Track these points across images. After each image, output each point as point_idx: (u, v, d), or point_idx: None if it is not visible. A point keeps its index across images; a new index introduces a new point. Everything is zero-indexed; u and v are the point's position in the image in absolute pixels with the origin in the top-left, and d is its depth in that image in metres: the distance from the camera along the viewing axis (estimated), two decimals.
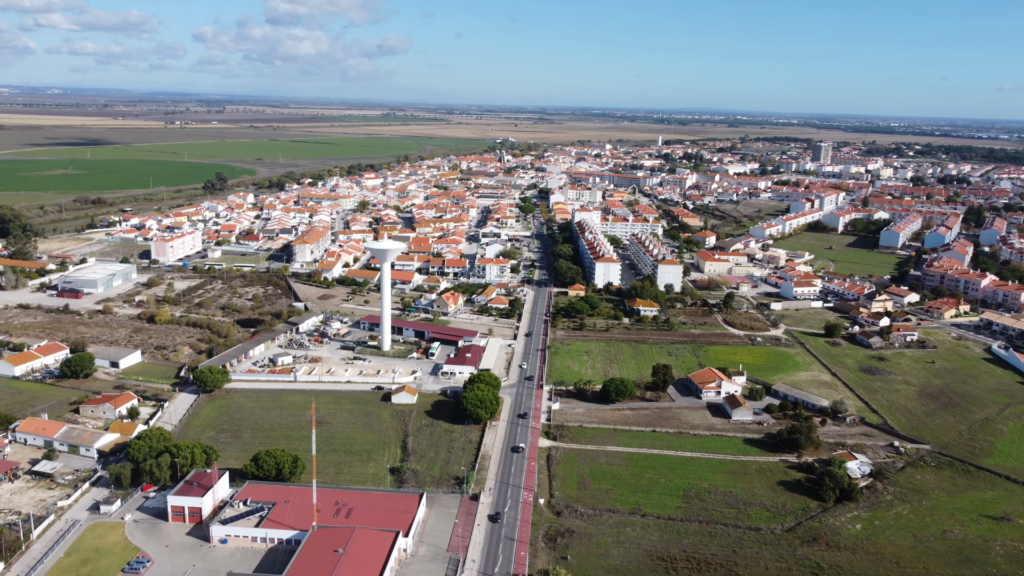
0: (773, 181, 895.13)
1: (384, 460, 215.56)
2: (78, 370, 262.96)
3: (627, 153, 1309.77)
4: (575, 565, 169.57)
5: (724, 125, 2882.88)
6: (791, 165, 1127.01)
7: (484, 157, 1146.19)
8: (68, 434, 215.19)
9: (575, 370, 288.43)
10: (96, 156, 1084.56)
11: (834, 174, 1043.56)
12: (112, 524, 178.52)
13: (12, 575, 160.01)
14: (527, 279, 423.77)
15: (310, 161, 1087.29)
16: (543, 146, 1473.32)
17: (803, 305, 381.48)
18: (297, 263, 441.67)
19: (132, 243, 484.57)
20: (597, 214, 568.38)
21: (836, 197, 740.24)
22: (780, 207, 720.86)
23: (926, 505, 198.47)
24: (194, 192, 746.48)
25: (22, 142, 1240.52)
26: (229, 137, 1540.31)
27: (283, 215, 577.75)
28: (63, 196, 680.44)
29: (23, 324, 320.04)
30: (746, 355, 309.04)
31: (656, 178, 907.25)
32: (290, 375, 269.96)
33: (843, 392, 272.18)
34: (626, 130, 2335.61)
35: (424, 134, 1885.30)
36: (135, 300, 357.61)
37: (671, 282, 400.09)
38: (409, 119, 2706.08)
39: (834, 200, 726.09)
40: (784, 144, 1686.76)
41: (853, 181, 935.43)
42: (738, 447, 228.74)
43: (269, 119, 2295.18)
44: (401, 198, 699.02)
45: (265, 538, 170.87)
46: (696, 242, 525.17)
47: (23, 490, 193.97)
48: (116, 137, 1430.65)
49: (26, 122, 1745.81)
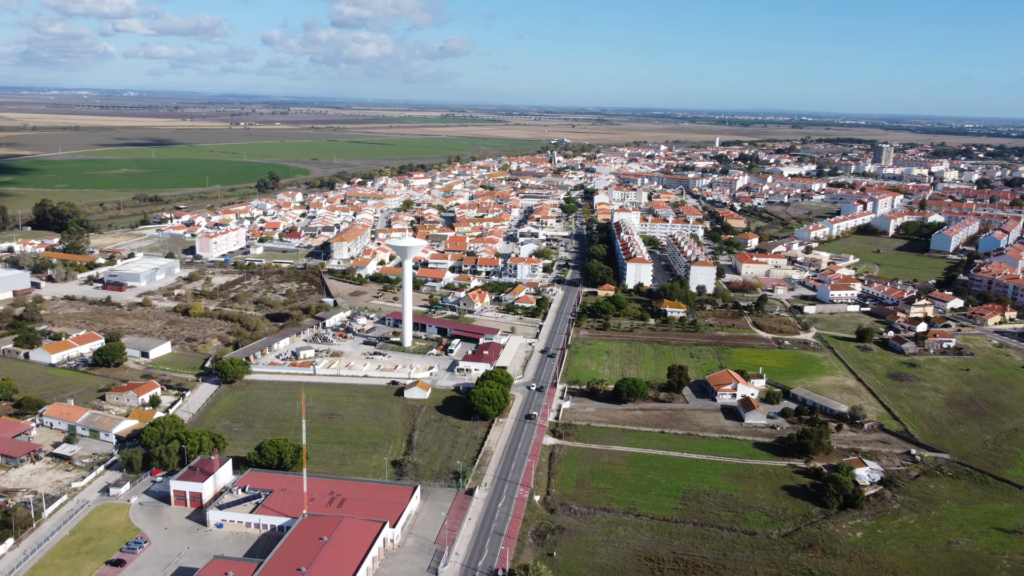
0: (828, 183, 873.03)
1: (388, 453, 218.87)
2: (109, 359, 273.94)
3: (681, 154, 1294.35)
4: (560, 562, 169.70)
5: (787, 126, 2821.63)
6: (850, 167, 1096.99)
7: (535, 158, 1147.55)
8: (90, 419, 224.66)
9: (592, 370, 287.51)
10: (160, 156, 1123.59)
11: (894, 176, 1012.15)
12: (118, 506, 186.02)
13: (20, 550, 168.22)
14: (559, 279, 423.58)
15: (364, 161, 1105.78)
16: (597, 147, 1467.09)
17: (838, 309, 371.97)
18: (334, 260, 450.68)
19: (180, 239, 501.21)
20: (636, 215, 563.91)
21: (891, 200, 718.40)
22: (832, 209, 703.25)
23: (935, 515, 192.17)
24: (247, 191, 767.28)
25: (93, 142, 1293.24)
26: (289, 138, 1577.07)
27: (328, 213, 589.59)
28: (123, 194, 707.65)
29: (67, 314, 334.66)
30: (770, 358, 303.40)
31: (706, 179, 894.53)
32: (310, 368, 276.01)
33: (866, 398, 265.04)
34: (685, 131, 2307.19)
35: (480, 135, 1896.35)
36: (174, 294, 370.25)
37: (703, 283, 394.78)
38: (467, 120, 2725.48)
39: (889, 203, 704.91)
40: (846, 145, 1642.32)
41: (913, 184, 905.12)
42: (746, 450, 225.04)
43: (330, 120, 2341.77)
44: (446, 198, 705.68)
45: (259, 524, 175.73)
46: (737, 244, 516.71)
47: (42, 471, 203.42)
48: (182, 138, 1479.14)
49: (101, 123, 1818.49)
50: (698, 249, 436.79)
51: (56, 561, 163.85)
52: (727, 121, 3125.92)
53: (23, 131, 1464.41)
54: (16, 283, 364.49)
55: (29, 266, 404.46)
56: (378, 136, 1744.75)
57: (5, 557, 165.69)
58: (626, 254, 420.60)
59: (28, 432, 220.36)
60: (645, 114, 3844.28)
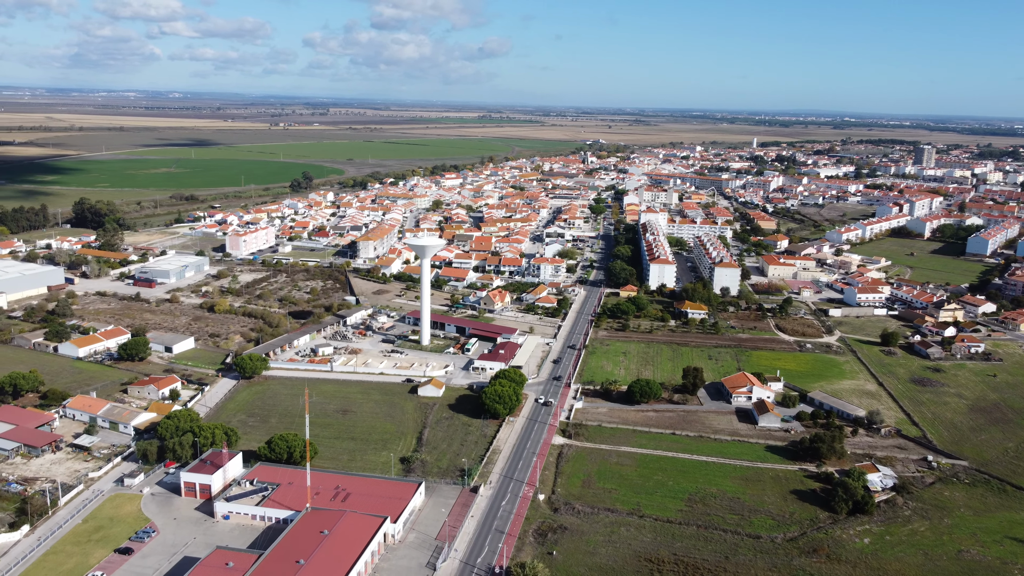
0: (865, 184, 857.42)
1: (398, 449, 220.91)
2: (134, 353, 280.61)
3: (717, 155, 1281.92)
4: (559, 561, 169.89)
5: (829, 127, 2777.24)
6: (889, 169, 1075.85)
7: (568, 159, 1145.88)
8: (110, 412, 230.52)
9: (608, 370, 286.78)
10: (200, 156, 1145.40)
11: (935, 178, 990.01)
12: (131, 496, 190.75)
13: (35, 536, 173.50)
14: (582, 279, 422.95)
15: (398, 162, 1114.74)
16: (632, 148, 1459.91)
17: (865, 312, 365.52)
18: (360, 259, 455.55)
19: (212, 237, 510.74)
20: (663, 215, 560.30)
21: (929, 201, 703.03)
22: (868, 211, 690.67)
23: (947, 523, 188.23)
24: (281, 190, 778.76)
25: (136, 143, 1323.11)
26: (326, 138, 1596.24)
27: (357, 213, 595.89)
28: (161, 193, 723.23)
29: (97, 310, 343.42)
30: (791, 361, 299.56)
31: (740, 181, 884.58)
32: (327, 365, 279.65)
33: (886, 403, 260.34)
34: (724, 132, 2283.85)
35: (516, 136, 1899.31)
36: (201, 291, 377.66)
37: (727, 285, 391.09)
38: (504, 121, 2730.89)
39: (926, 205, 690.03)
40: (888, 147, 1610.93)
41: (955, 185, 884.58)
42: (758, 454, 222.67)
43: (368, 121, 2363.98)
44: (475, 198, 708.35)
45: (264, 516, 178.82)
46: (766, 245, 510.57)
47: (62, 461, 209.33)
48: (222, 138, 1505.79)
49: (145, 124, 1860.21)
50: (723, 250, 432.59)
51: (67, 548, 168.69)
52: (767, 122, 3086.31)
53: (70, 131, 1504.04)
54: (50, 279, 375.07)
55: (65, 262, 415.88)
56: (414, 137, 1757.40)
57: (20, 543, 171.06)
58: (650, 255, 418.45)
59: (51, 423, 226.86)
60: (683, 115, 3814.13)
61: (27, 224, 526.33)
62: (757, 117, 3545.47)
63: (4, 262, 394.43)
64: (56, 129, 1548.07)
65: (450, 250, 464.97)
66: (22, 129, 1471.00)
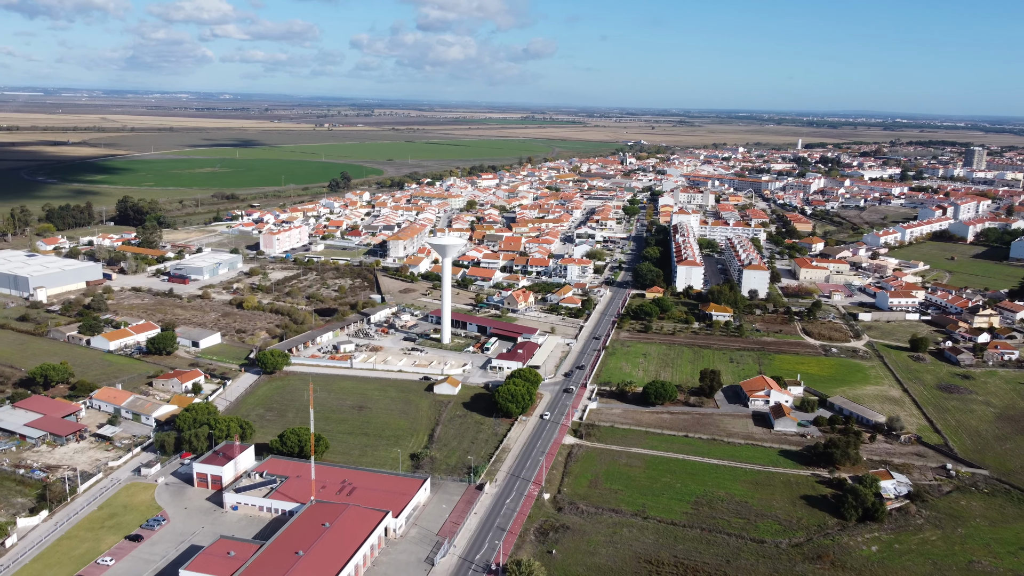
0: (910, 187, 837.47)
1: (409, 446, 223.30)
2: (161, 347, 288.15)
3: (759, 156, 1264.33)
4: (559, 560, 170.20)
5: (879, 128, 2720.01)
6: (937, 171, 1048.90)
7: (607, 160, 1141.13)
8: (133, 403, 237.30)
9: (626, 371, 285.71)
10: (244, 156, 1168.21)
11: (985, 180, 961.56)
12: (146, 485, 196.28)
13: (52, 522, 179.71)
14: (609, 280, 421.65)
15: (437, 162, 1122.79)
16: (672, 149, 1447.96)
17: (896, 317, 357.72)
18: (390, 258, 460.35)
19: (248, 235, 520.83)
20: (696, 217, 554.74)
21: (976, 205, 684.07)
22: (910, 214, 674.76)
23: (960, 533, 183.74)
24: (319, 190, 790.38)
25: (184, 143, 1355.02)
26: (369, 139, 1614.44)
27: (391, 213, 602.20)
28: (203, 192, 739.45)
29: (131, 305, 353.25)
30: (814, 365, 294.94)
31: (780, 182, 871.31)
32: (347, 362, 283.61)
33: (909, 409, 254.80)
34: (769, 133, 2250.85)
35: (557, 136, 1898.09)
36: (232, 287, 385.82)
37: (755, 288, 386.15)
38: (546, 122, 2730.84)
39: (972, 208, 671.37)
40: (938, 148, 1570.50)
41: (1005, 188, 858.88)
42: (771, 458, 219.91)
43: (411, 122, 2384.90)
44: (510, 198, 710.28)
45: (271, 508, 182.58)
46: (800, 248, 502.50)
47: (84, 450, 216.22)
48: (268, 139, 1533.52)
49: (194, 124, 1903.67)
50: (753, 253, 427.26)
51: (81, 533, 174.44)
52: (814, 123, 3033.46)
53: (122, 132, 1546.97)
54: (89, 274, 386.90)
55: (105, 259, 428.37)
56: (455, 138, 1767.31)
57: (38, 527, 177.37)
58: (678, 257, 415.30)
59: (77, 413, 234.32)
60: (729, 116, 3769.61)
61: (72, 221, 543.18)
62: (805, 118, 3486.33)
63: (46, 258, 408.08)
64: (109, 129, 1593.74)
65: (479, 250, 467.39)
66: (77, 130, 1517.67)
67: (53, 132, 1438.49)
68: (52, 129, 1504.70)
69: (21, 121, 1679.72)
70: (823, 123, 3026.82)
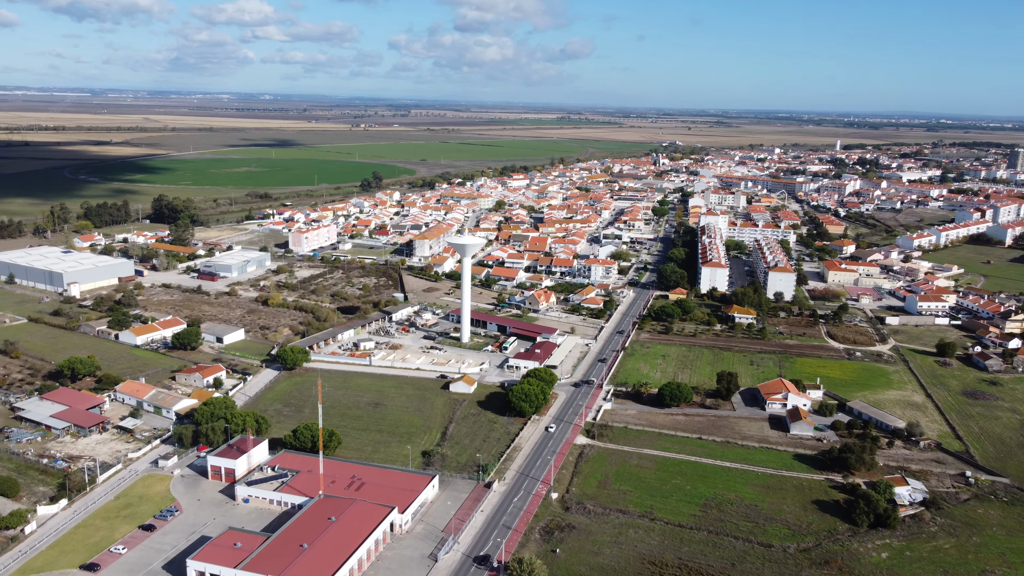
0: (949, 189, 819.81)
1: (421, 443, 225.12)
2: (186, 343, 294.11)
3: (796, 158, 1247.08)
4: (562, 559, 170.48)
5: (922, 129, 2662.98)
6: (980, 173, 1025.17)
7: (639, 160, 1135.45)
8: (155, 397, 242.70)
9: (644, 372, 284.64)
10: (280, 156, 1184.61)
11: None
12: (162, 476, 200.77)
13: (71, 510, 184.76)
14: (633, 281, 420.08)
15: (470, 162, 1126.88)
16: (707, 150, 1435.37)
17: (925, 321, 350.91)
18: (416, 257, 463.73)
19: (278, 234, 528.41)
20: (724, 218, 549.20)
21: (1017, 207, 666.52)
22: (947, 217, 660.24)
23: (975, 541, 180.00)
24: (351, 189, 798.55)
25: (222, 143, 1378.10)
26: (403, 139, 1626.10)
27: (419, 212, 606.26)
28: (238, 191, 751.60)
29: (160, 301, 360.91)
30: (836, 369, 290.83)
31: (815, 184, 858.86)
32: (366, 359, 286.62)
33: (931, 415, 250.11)
34: (808, 134, 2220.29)
35: (592, 137, 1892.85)
36: (259, 285, 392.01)
37: (781, 290, 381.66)
38: (582, 122, 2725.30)
39: (1013, 211, 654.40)
40: (982, 150, 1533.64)
41: None
42: (784, 462, 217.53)
43: (447, 122, 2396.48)
44: (539, 198, 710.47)
45: (280, 501, 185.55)
46: (830, 251, 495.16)
47: (106, 441, 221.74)
48: (304, 139, 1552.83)
49: (233, 125, 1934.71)
50: (780, 255, 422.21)
51: (97, 522, 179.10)
52: (855, 124, 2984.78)
53: (163, 132, 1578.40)
54: (121, 271, 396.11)
55: (138, 255, 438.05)
56: (489, 138, 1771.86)
57: (57, 515, 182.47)
58: (702, 258, 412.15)
59: (101, 405, 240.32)
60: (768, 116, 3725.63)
61: (109, 219, 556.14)
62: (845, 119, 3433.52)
63: (80, 255, 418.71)
64: (151, 130, 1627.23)
65: (504, 250, 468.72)
66: (120, 130, 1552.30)
67: (97, 132, 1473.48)
68: (96, 129, 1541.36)
69: (67, 121, 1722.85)
70: (864, 124, 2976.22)
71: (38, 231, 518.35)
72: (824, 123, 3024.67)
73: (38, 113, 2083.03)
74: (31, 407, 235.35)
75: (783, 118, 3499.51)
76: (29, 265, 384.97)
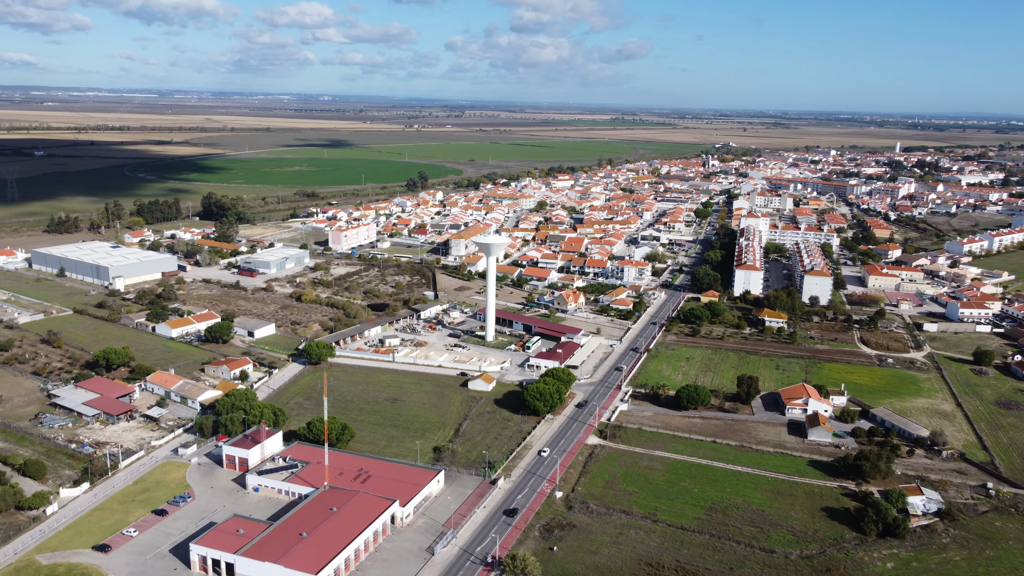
0: (1010, 193, 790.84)
1: (434, 439, 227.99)
2: (218, 336, 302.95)
3: (852, 160, 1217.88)
4: (559, 557, 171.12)
5: (990, 131, 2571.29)
6: None
7: (689, 162, 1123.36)
8: (182, 387, 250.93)
9: (666, 374, 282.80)
10: (332, 155, 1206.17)
11: None
12: (180, 464, 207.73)
13: (92, 494, 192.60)
14: (667, 283, 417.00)
15: (518, 163, 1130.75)
16: (761, 151, 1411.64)
17: (966, 328, 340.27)
18: (451, 256, 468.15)
19: (321, 232, 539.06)
20: (765, 221, 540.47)
21: None
22: (1005, 222, 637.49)
23: (988, 554, 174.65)
24: (397, 189, 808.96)
25: (278, 143, 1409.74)
26: (455, 140, 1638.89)
27: (460, 212, 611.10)
28: (287, 190, 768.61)
29: (199, 295, 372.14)
30: (864, 375, 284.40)
31: (867, 187, 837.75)
32: (390, 356, 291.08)
33: (959, 424, 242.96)
34: (869, 136, 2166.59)
35: (644, 138, 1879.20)
36: (296, 281, 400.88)
37: (817, 294, 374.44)
38: (635, 123, 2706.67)
39: None
40: None
41: None
42: (798, 468, 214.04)
43: (500, 123, 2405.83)
44: (581, 199, 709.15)
45: (288, 491, 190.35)
46: (874, 255, 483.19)
47: (132, 429, 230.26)
48: (358, 139, 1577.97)
49: (290, 125, 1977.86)
50: (818, 258, 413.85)
51: (113, 505, 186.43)
52: (920, 125, 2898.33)
53: (222, 132, 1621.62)
54: (165, 265, 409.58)
55: (182, 251, 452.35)
56: (540, 139, 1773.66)
57: (79, 498, 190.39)
58: (737, 260, 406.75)
59: (131, 395, 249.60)
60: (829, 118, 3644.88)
61: (161, 216, 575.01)
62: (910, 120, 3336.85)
63: (127, 250, 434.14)
64: (211, 130, 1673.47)
65: (539, 250, 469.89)
66: (181, 130, 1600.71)
67: (160, 132, 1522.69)
68: (159, 129, 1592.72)
69: (132, 121, 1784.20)
70: (929, 125, 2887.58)
71: (93, 227, 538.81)
72: (887, 125, 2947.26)
73: (106, 113, 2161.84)
74: (65, 394, 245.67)
75: (845, 120, 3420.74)
76: (79, 259, 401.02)
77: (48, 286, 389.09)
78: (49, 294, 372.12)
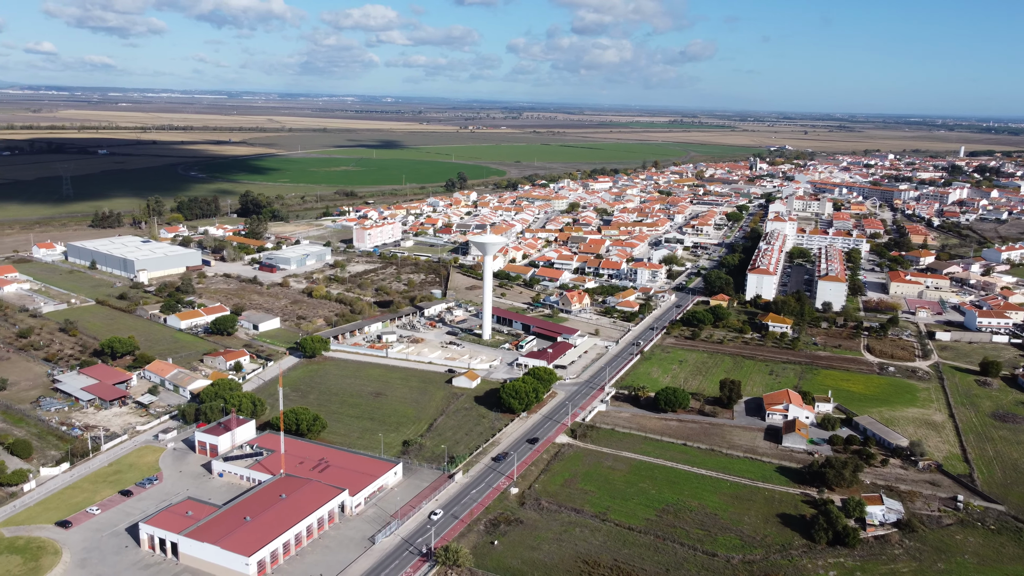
0: None
1: (407, 433, 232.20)
2: (223, 328, 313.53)
3: (909, 164, 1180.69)
4: (498, 551, 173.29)
5: None
6: None
7: (737, 164, 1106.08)
8: (175, 376, 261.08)
9: (655, 377, 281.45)
10: (381, 156, 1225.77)
11: None
12: (157, 448, 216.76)
13: (69, 474, 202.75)
14: (680, 286, 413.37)
15: (563, 164, 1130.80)
16: (815, 155, 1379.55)
17: (981, 338, 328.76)
18: (470, 256, 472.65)
19: (349, 230, 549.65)
20: (792, 225, 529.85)
21: None
22: None
23: (939, 567, 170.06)
24: (436, 189, 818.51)
25: (331, 143, 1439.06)
26: (506, 141, 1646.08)
27: (489, 212, 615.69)
28: (328, 189, 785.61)
29: (216, 289, 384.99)
30: (860, 383, 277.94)
31: (916, 192, 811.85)
32: (384, 351, 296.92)
33: (946, 435, 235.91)
34: (937, 140, 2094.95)
35: (699, 141, 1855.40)
36: (312, 277, 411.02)
37: (830, 300, 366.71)
38: (693, 126, 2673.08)
39: None
40: None
41: None
42: (764, 473, 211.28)
43: (556, 125, 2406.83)
44: (615, 201, 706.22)
45: (249, 477, 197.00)
46: (905, 261, 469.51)
47: (122, 414, 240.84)
48: (410, 140, 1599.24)
49: (347, 126, 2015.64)
50: (837, 263, 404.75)
51: (85, 485, 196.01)
52: (993, 129, 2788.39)
53: (280, 133, 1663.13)
54: (189, 260, 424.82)
55: (211, 247, 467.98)
56: (593, 141, 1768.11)
57: (57, 477, 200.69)
58: (751, 264, 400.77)
59: (128, 382, 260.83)
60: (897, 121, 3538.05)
61: (200, 213, 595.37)
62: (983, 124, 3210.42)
63: (156, 244, 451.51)
64: (269, 130, 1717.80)
65: (557, 251, 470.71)
66: (241, 130, 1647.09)
67: (220, 132, 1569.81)
68: (220, 129, 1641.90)
69: (196, 122, 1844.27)
70: (1004, 129, 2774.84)
71: (135, 222, 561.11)
72: (957, 128, 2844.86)
73: (173, 114, 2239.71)
74: (67, 380, 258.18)
75: (914, 123, 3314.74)
76: (108, 253, 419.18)
77: (79, 278, 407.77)
78: (78, 285, 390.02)
